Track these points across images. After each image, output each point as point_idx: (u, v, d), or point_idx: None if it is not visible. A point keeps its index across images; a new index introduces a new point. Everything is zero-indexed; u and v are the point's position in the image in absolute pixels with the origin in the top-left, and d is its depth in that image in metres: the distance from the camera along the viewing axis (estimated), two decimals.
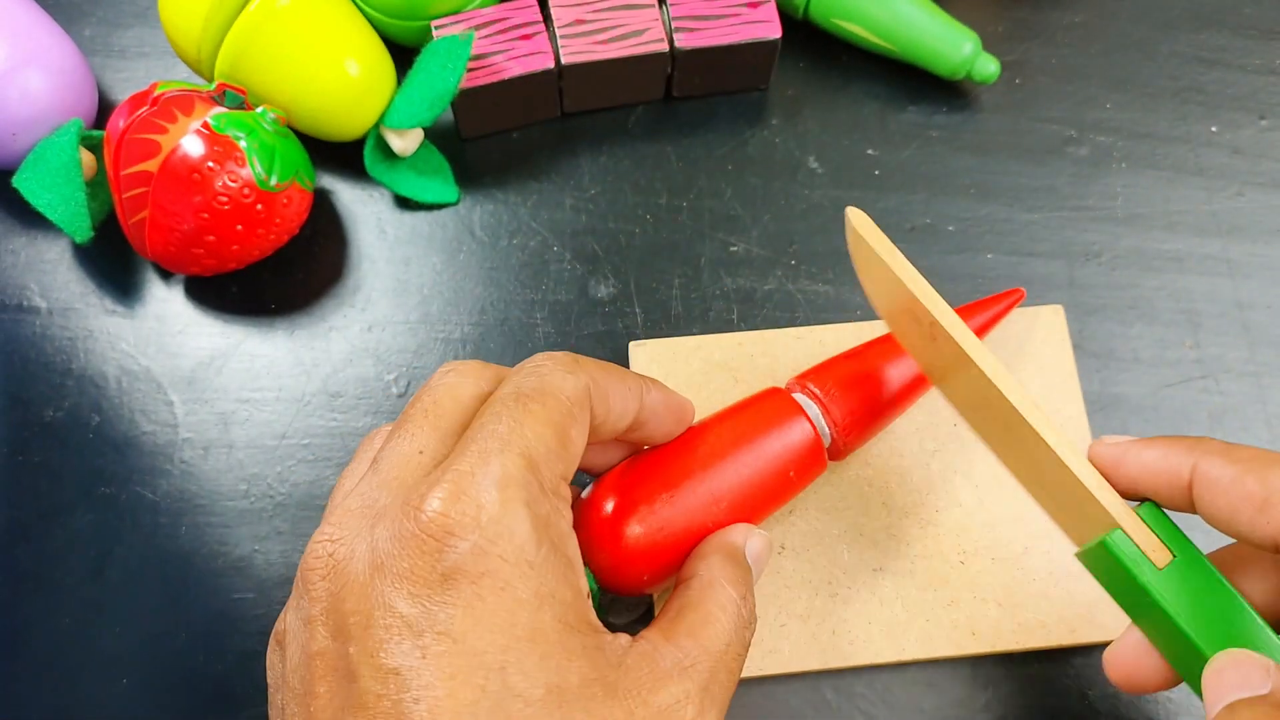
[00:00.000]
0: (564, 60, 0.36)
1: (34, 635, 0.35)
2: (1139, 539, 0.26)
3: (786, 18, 0.43)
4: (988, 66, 0.40)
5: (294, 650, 0.24)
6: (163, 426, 0.37)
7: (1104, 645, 0.34)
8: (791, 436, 0.30)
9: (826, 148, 0.41)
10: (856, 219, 0.29)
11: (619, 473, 0.29)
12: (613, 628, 0.25)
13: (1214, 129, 0.41)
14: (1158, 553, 0.25)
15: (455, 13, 0.39)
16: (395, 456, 0.25)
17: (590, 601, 0.25)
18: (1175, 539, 0.26)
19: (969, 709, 0.33)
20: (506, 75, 0.37)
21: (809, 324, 0.38)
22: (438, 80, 0.37)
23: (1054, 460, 0.26)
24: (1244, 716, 0.23)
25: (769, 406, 0.31)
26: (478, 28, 0.37)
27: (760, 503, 0.30)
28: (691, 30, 0.37)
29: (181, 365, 0.38)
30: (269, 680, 0.25)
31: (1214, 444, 0.26)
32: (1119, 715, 0.33)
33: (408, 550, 0.22)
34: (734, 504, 0.29)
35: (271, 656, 0.25)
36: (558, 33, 0.36)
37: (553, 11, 0.38)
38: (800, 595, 0.33)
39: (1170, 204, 0.40)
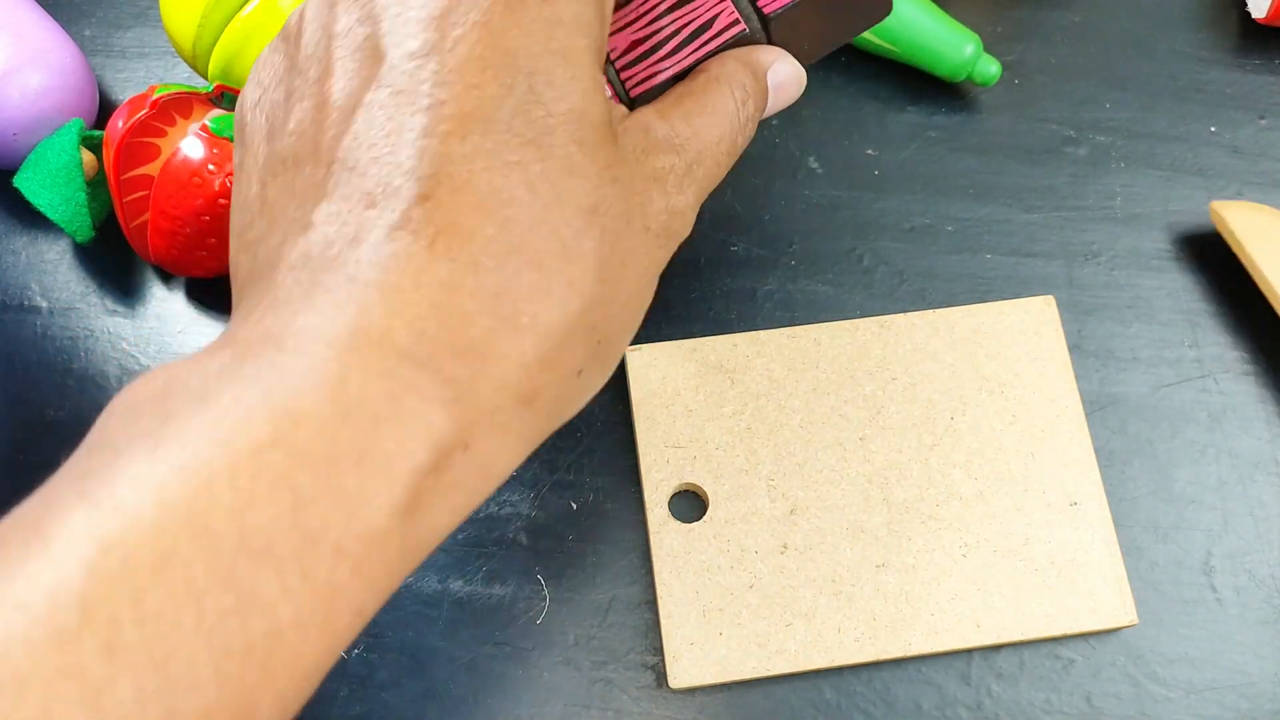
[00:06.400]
0: (633, 95, 0.29)
1: None
2: None
3: None
4: (989, 68, 0.40)
5: (312, 32, 0.23)
6: None
7: (1107, 633, 0.34)
8: None
9: (826, 148, 0.41)
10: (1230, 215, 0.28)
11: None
12: None
13: (1213, 128, 0.41)
14: None
15: None
16: None
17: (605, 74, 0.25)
18: None
19: (968, 706, 0.33)
20: None
21: (808, 324, 0.38)
22: None
23: None
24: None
25: None
26: None
27: None
28: None
29: None
30: (260, 80, 0.25)
31: None
32: (1121, 710, 0.33)
33: None
34: None
35: (272, 55, 0.25)
36: (616, 66, 0.30)
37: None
38: (804, 594, 0.33)
39: (1169, 204, 0.40)
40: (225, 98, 0.36)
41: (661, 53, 0.28)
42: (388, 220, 0.20)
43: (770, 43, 0.28)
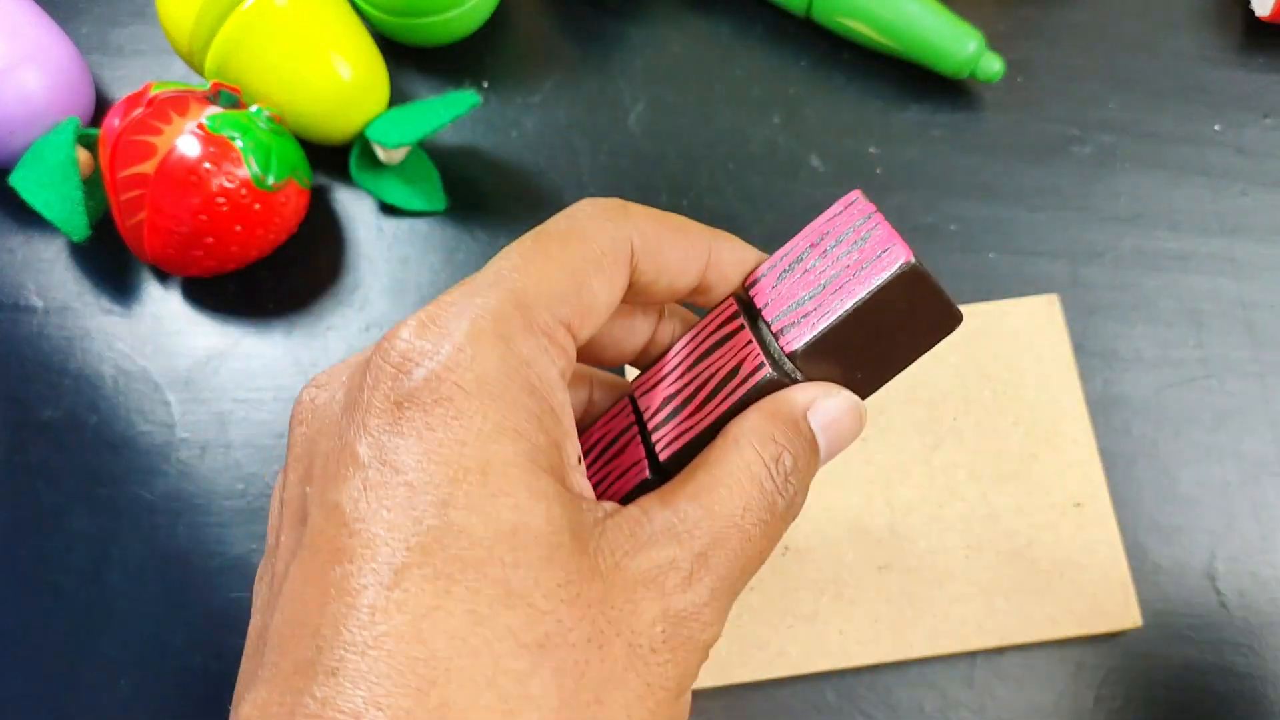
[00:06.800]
0: (662, 458, 0.24)
1: (31, 635, 0.34)
2: None
3: (789, 16, 0.42)
4: (992, 65, 0.39)
5: (272, 503, 0.23)
6: (160, 426, 0.37)
7: (1111, 635, 0.34)
8: None
9: (829, 146, 0.41)
10: None
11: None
12: None
13: (1218, 128, 0.41)
14: None
15: (453, 8, 0.39)
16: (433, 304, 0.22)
17: (580, 467, 0.22)
18: None
19: (971, 709, 0.33)
20: (618, 495, 0.26)
21: None
22: (432, 114, 0.37)
23: None
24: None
25: None
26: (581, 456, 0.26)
27: None
28: (797, 323, 0.24)
29: (178, 365, 0.38)
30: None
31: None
32: (1125, 713, 0.33)
33: (369, 383, 0.20)
34: None
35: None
36: (648, 425, 0.26)
37: (639, 403, 0.27)
38: (806, 597, 0.33)
39: (1174, 203, 0.40)
40: (222, 96, 0.35)
41: (690, 408, 0.24)
42: (301, 711, 0.18)
43: (808, 379, 0.24)
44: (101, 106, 0.41)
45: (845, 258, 0.24)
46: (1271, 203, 0.40)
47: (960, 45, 0.39)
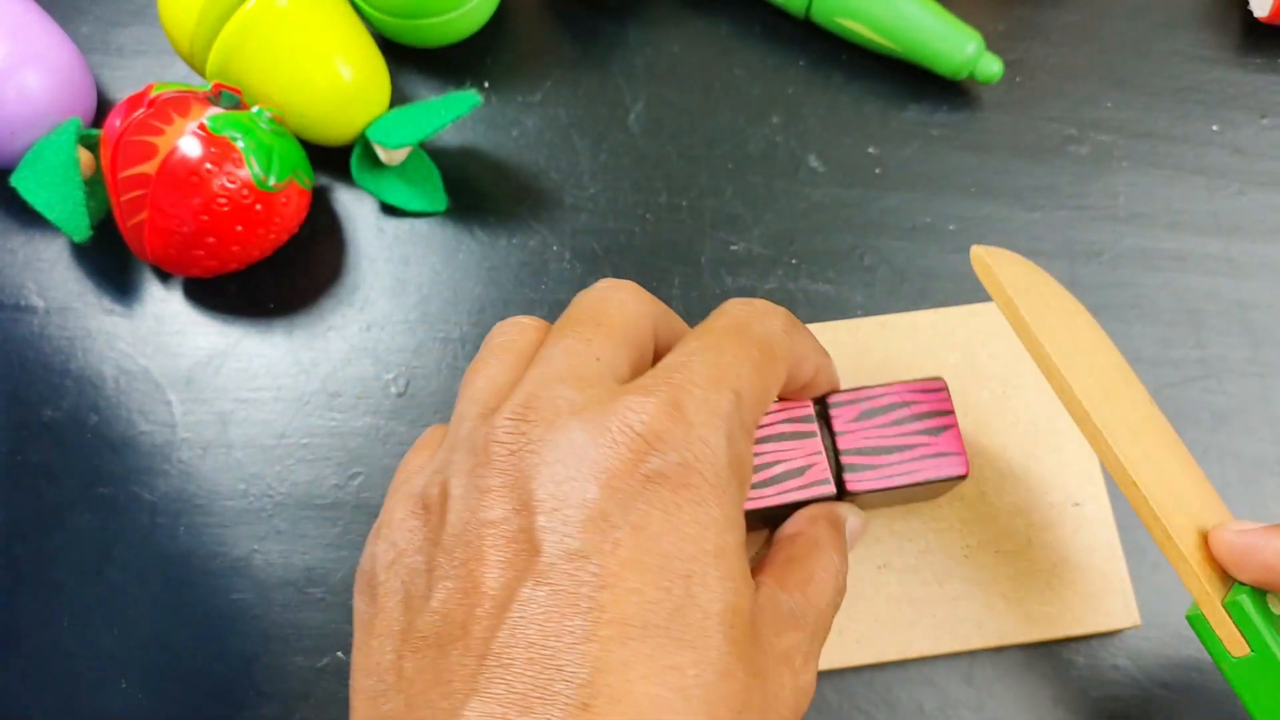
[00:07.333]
0: None
1: (32, 635, 0.34)
2: (1217, 626, 0.26)
3: (788, 17, 0.43)
4: (991, 66, 0.40)
5: (459, 512, 0.23)
6: (161, 426, 0.37)
7: (1110, 634, 0.34)
8: None
9: (828, 146, 0.41)
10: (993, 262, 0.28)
11: None
12: None
13: (1215, 128, 0.41)
14: (1234, 642, 0.25)
15: (454, 9, 0.39)
16: (571, 356, 0.24)
17: None
18: (1254, 634, 0.25)
19: (970, 707, 0.33)
20: None
21: (809, 323, 0.37)
22: (432, 115, 0.37)
23: (1160, 530, 0.26)
24: None
25: None
26: None
27: None
28: (862, 470, 0.30)
29: (180, 365, 0.38)
30: (394, 540, 0.24)
31: None
32: (1124, 712, 0.33)
33: (613, 448, 0.22)
34: None
35: (408, 519, 0.24)
36: None
37: None
38: None
39: (1172, 203, 0.40)
40: (223, 96, 0.35)
41: (759, 477, 0.29)
42: None
43: (839, 498, 0.30)
44: (103, 107, 0.41)
45: (919, 439, 0.30)
46: (1269, 203, 0.40)
47: (959, 46, 0.39)
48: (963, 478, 0.30)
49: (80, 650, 0.34)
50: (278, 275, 0.39)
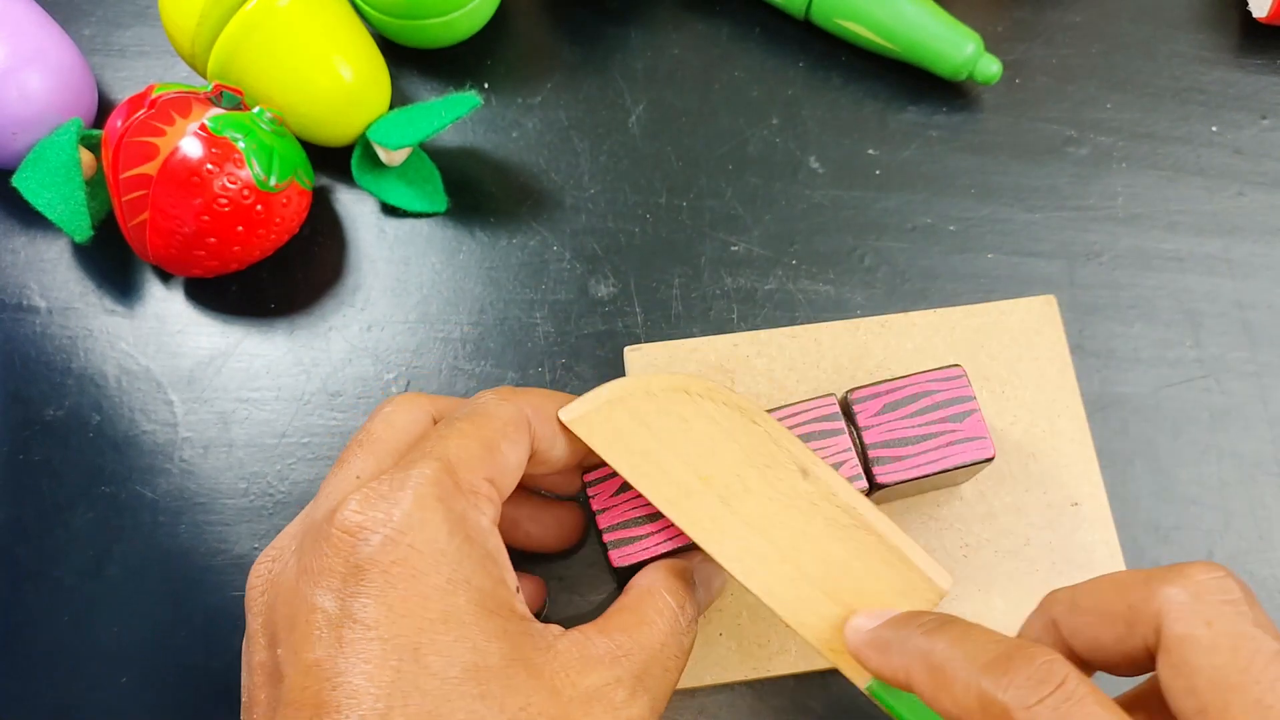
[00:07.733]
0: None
1: (34, 633, 0.35)
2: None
3: (787, 18, 0.43)
4: (990, 67, 0.40)
5: (243, 668, 0.26)
6: (162, 425, 0.37)
7: None
8: None
9: (827, 147, 0.41)
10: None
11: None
12: None
13: (1215, 129, 0.41)
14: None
15: (454, 10, 0.39)
16: (333, 484, 0.26)
17: (518, 595, 0.26)
18: (899, 713, 0.26)
19: None
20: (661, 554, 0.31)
21: (809, 323, 0.38)
22: (433, 116, 0.37)
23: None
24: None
25: None
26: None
27: None
28: (890, 462, 0.31)
29: (181, 364, 0.38)
30: (252, 599, 0.27)
31: (1060, 593, 0.26)
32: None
33: (326, 551, 0.24)
34: None
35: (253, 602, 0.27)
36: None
37: None
38: None
39: (1171, 204, 0.40)
40: (224, 97, 0.36)
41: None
42: None
43: (870, 492, 0.31)
44: (104, 108, 0.41)
45: (943, 426, 0.31)
46: (1268, 203, 0.40)
47: (958, 47, 0.40)
48: (990, 460, 0.31)
49: (81, 647, 0.34)
50: (279, 275, 0.39)
